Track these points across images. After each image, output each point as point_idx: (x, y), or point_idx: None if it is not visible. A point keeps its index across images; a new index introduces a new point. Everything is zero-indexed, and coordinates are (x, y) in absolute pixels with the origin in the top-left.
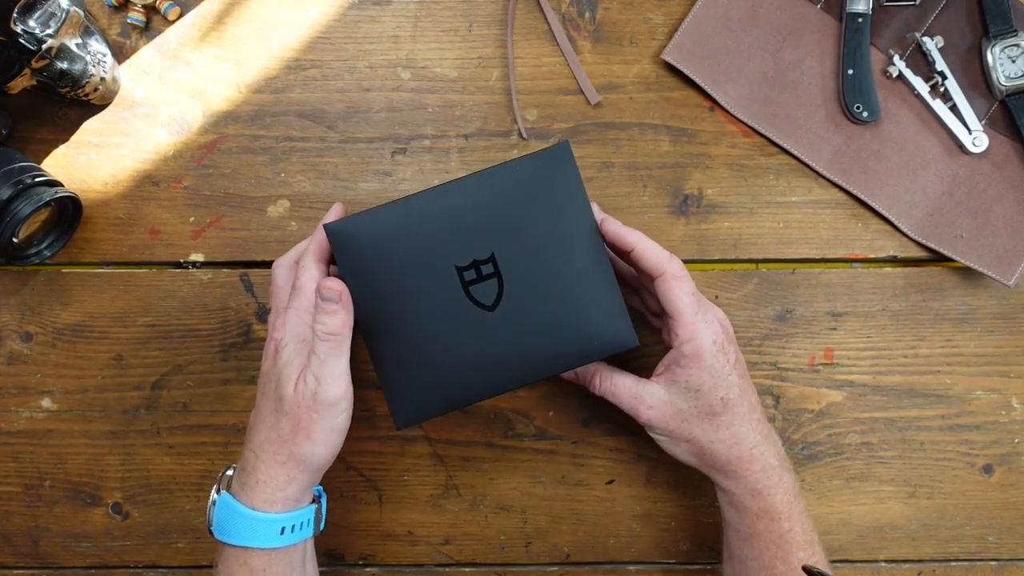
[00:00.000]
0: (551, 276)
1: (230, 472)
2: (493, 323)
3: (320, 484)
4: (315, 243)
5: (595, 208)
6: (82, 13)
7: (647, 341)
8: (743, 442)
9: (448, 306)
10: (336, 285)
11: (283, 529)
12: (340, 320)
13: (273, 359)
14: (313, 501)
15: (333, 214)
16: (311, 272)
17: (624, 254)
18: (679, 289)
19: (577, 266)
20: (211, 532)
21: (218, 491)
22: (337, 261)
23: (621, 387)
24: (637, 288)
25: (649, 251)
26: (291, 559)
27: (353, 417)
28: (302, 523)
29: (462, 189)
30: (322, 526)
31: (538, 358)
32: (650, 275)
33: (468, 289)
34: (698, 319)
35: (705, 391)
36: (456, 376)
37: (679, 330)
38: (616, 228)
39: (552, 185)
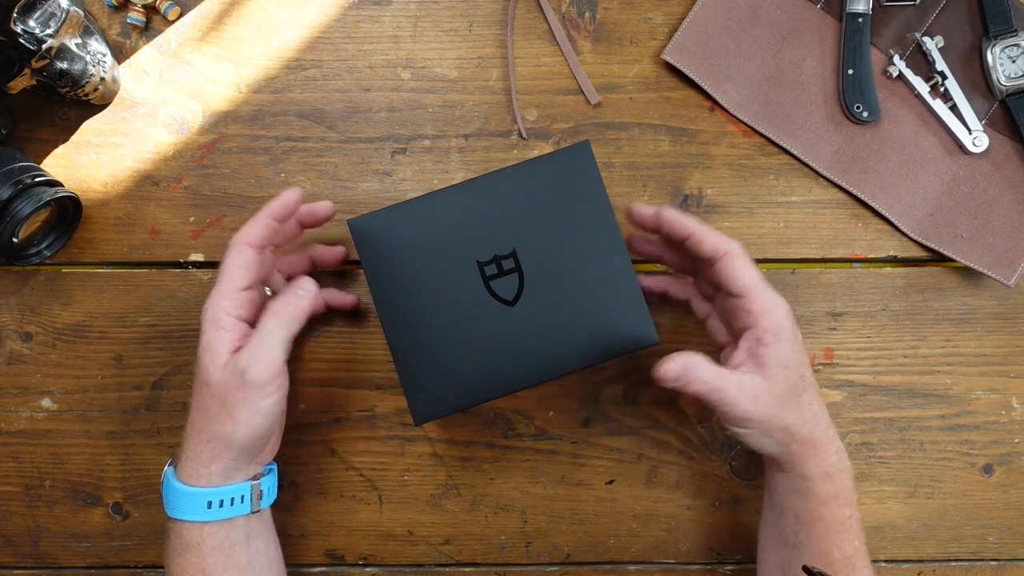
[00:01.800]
0: (572, 272)
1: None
2: (513, 318)
3: (274, 462)
4: (247, 226)
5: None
6: (82, 13)
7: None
8: (821, 422)
9: (469, 301)
10: (311, 286)
11: (210, 503)
12: (303, 307)
13: (199, 344)
14: (254, 478)
15: (289, 197)
16: (239, 255)
17: (680, 241)
18: (744, 266)
19: (597, 263)
20: None
21: (170, 463)
22: (359, 256)
23: (725, 380)
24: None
25: (708, 234)
26: (227, 534)
27: (353, 417)
28: (232, 499)
29: (483, 186)
30: (264, 504)
31: (558, 354)
32: (712, 258)
33: (489, 284)
34: (769, 293)
35: (792, 367)
36: (476, 372)
37: (753, 305)
38: (674, 216)
39: (573, 183)
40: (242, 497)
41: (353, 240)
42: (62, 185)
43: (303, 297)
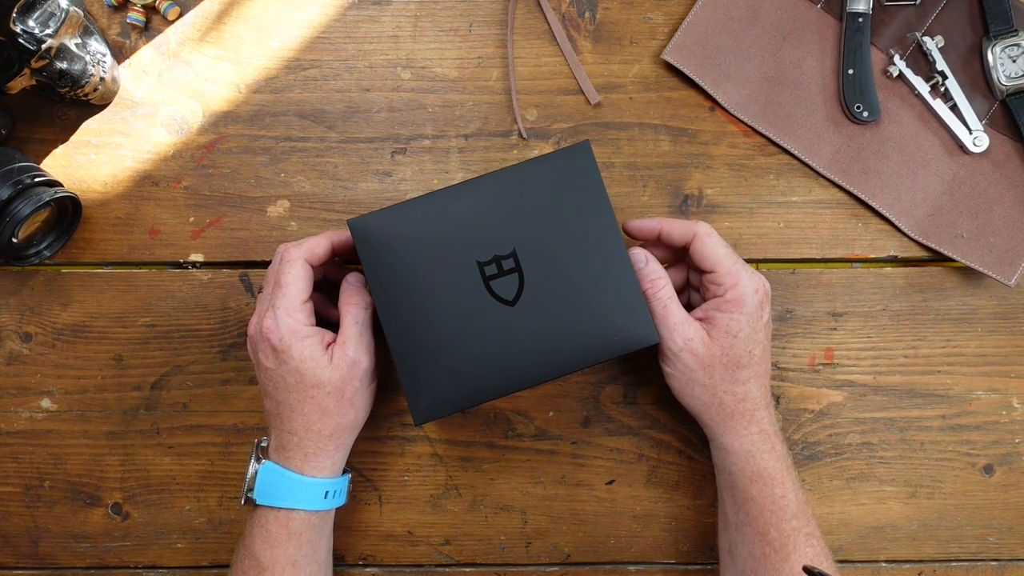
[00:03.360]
0: (572, 272)
1: (264, 443)
2: (514, 318)
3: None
4: (308, 244)
5: None
6: (81, 13)
7: None
8: (750, 401)
9: (469, 301)
10: (358, 274)
11: (327, 493)
12: (367, 296)
13: (281, 358)
14: (345, 472)
15: (322, 241)
16: (298, 271)
17: (653, 242)
18: (712, 243)
19: (597, 263)
20: (250, 500)
21: (258, 460)
22: (359, 256)
23: (673, 303)
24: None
25: (673, 224)
26: (324, 525)
27: None
28: (340, 489)
29: (483, 186)
30: (348, 496)
31: (558, 354)
32: (683, 244)
33: (489, 284)
34: (739, 268)
35: (741, 339)
36: (476, 372)
37: (721, 279)
38: (636, 224)
39: (573, 183)
40: (343, 489)
41: (353, 240)
42: (62, 185)
43: (361, 284)
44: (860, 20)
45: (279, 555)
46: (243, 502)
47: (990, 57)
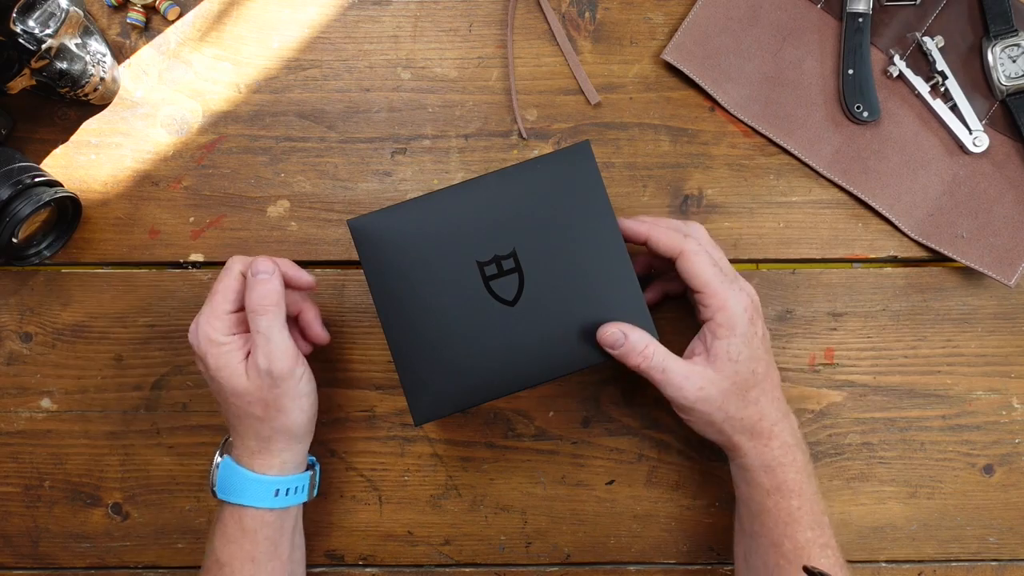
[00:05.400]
0: (571, 272)
1: (231, 439)
2: (514, 318)
3: (318, 474)
4: (253, 259)
5: None
6: (81, 13)
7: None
8: (766, 418)
9: (469, 301)
10: (267, 264)
11: (277, 491)
12: (272, 287)
13: (202, 365)
14: (308, 468)
15: (300, 278)
16: (228, 281)
17: (642, 245)
18: (699, 263)
19: (597, 262)
20: (214, 493)
21: (221, 455)
22: (360, 257)
23: (674, 363)
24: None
25: (661, 237)
26: (282, 523)
27: (353, 417)
28: (295, 488)
29: (483, 186)
30: (315, 492)
31: (558, 354)
32: (671, 258)
33: (489, 284)
34: (725, 287)
35: (742, 362)
36: (476, 372)
37: (708, 300)
38: (628, 225)
39: (573, 183)
40: (302, 487)
41: (353, 240)
42: (62, 185)
43: (265, 280)
44: (860, 20)
45: (235, 551)
46: (211, 493)
47: (990, 57)
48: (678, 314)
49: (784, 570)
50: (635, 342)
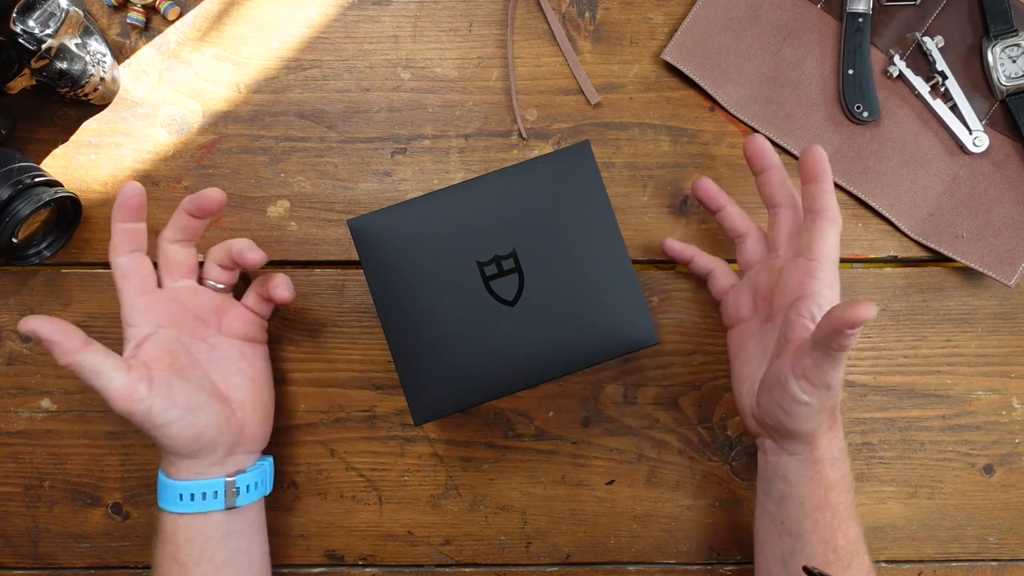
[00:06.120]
0: (572, 272)
1: None
2: (513, 318)
3: (270, 457)
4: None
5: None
6: (81, 13)
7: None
8: (839, 404)
9: (469, 301)
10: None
11: (181, 496)
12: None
13: None
14: (232, 474)
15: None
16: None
17: (808, 182)
18: (831, 232)
19: (598, 263)
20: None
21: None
22: (360, 257)
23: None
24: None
25: (829, 193)
26: (201, 528)
27: (353, 417)
28: (204, 493)
29: (483, 186)
30: (242, 502)
31: (558, 354)
32: (810, 207)
33: (489, 284)
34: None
35: None
36: (476, 372)
37: (820, 272)
38: (819, 156)
39: (573, 183)
40: (215, 492)
41: (353, 240)
42: (62, 185)
43: (52, 331)
44: (860, 20)
45: (162, 554)
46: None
47: (990, 57)
48: (679, 312)
49: (832, 568)
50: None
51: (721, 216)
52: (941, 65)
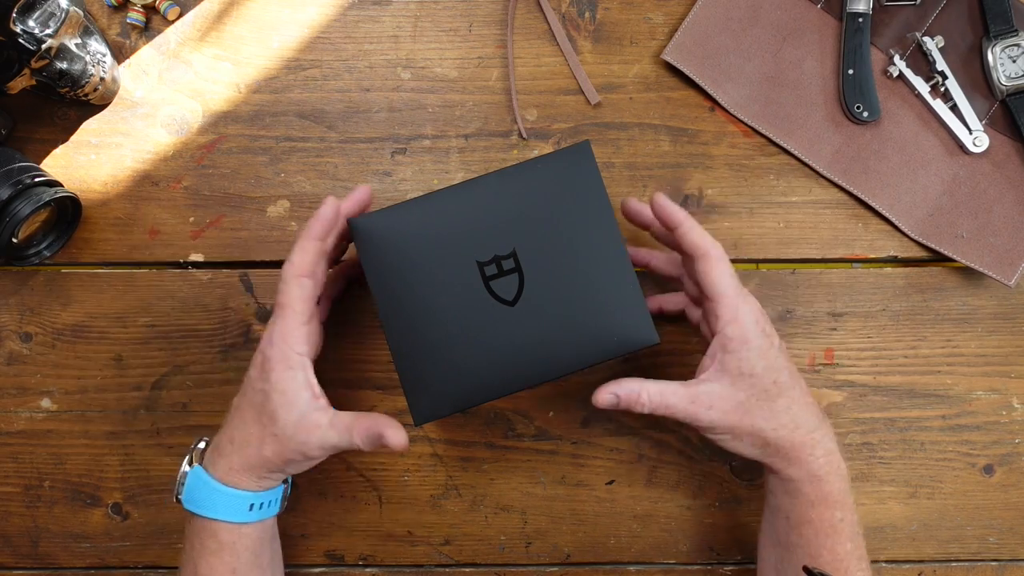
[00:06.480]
0: (572, 272)
1: (202, 445)
2: (513, 318)
3: (290, 483)
4: (297, 254)
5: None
6: (81, 13)
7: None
8: (803, 426)
9: (469, 301)
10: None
11: (252, 506)
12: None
13: (262, 373)
14: (283, 481)
15: (325, 214)
16: (295, 291)
17: (669, 231)
18: (721, 270)
19: (598, 263)
20: (179, 501)
21: (191, 463)
22: (360, 257)
23: (673, 396)
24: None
25: (695, 230)
26: (259, 535)
27: None
28: (270, 501)
29: (484, 186)
30: (285, 504)
31: (558, 354)
32: (692, 255)
33: (489, 284)
34: (739, 300)
35: (759, 374)
36: (476, 372)
37: (721, 311)
38: (666, 203)
39: (573, 183)
40: (276, 500)
41: (353, 240)
42: (62, 185)
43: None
44: (860, 20)
45: (215, 564)
46: (175, 500)
47: (990, 57)
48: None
49: None
50: (626, 397)
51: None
52: (941, 65)
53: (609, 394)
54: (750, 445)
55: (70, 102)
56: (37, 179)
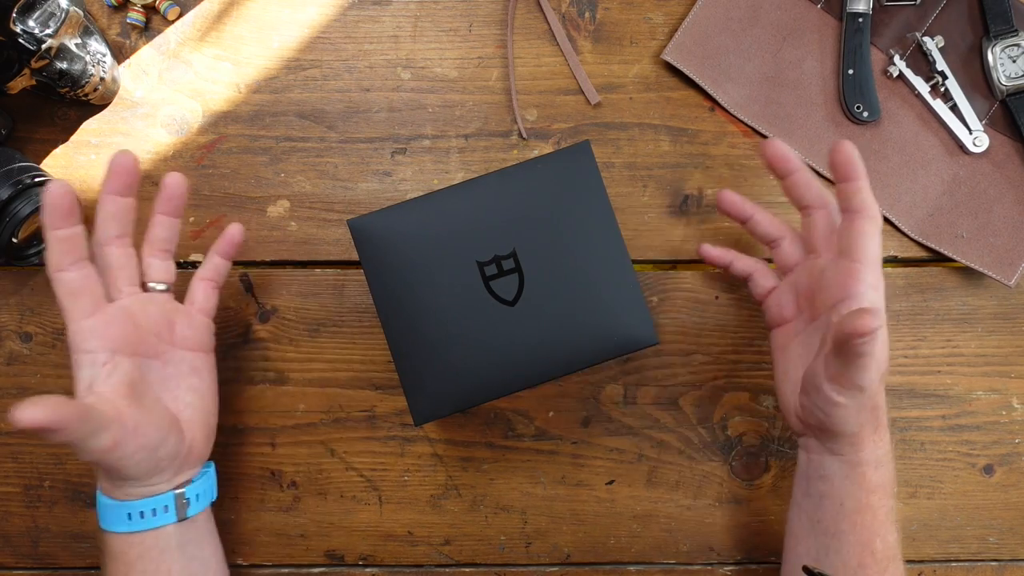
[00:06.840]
0: (572, 272)
1: None
2: (513, 318)
3: (211, 462)
4: (45, 254)
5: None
6: (81, 13)
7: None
8: (881, 407)
9: (469, 301)
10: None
11: (130, 515)
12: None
13: None
14: (180, 486)
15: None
16: (56, 289)
17: (843, 182)
18: (874, 233)
19: (597, 263)
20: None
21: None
22: (360, 257)
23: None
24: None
25: (868, 190)
26: (155, 542)
27: (353, 417)
28: (154, 509)
29: (484, 186)
30: (192, 512)
31: (558, 354)
32: (859, 211)
33: (489, 284)
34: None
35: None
36: (476, 372)
37: (870, 276)
38: (852, 153)
39: (573, 183)
40: (165, 507)
41: (353, 240)
42: None
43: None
44: (860, 20)
45: (113, 572)
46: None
47: (990, 57)
48: (679, 313)
49: (869, 570)
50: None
51: (751, 225)
52: (941, 65)
53: (874, 321)
54: (861, 421)
55: (70, 102)
56: (37, 179)
